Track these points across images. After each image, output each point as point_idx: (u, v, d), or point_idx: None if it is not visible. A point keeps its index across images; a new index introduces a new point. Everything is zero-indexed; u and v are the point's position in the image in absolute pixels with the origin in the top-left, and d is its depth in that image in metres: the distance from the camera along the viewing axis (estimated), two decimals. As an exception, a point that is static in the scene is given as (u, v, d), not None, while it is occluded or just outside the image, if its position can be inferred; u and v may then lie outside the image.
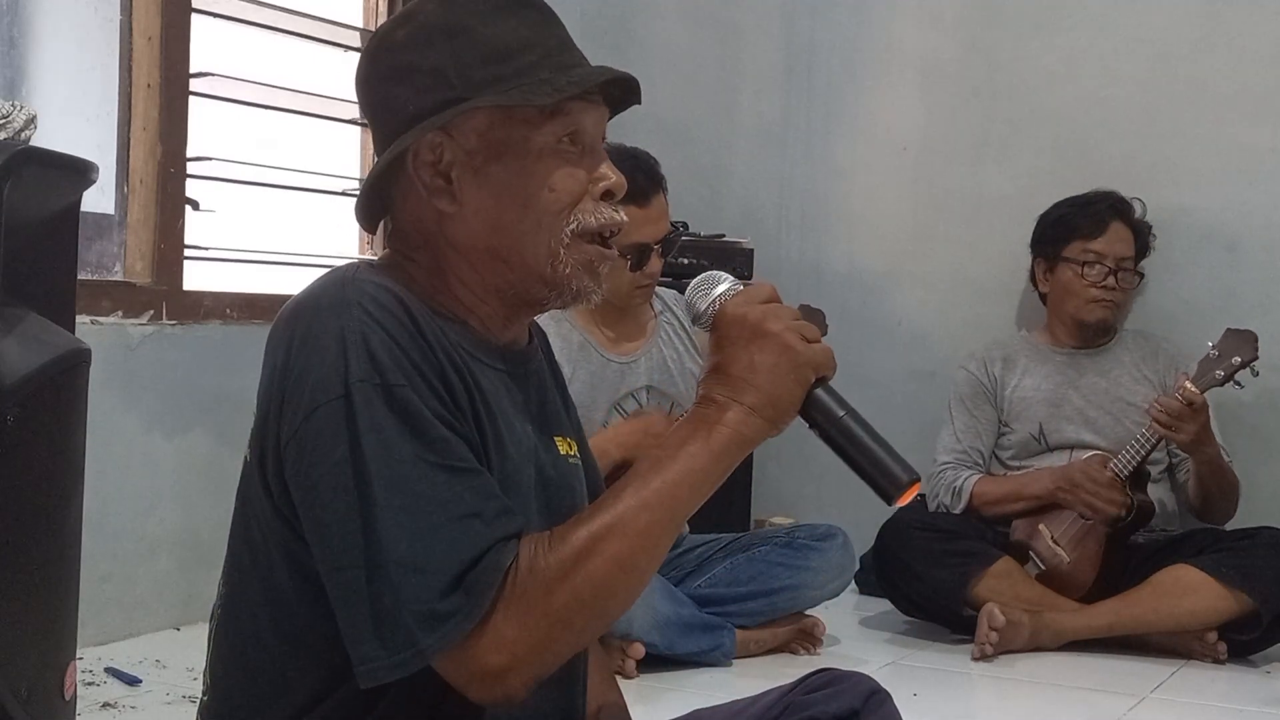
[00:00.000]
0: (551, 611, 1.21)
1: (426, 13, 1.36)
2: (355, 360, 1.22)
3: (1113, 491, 3.35)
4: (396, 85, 1.35)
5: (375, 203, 1.40)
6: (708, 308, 1.35)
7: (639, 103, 1.41)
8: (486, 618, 1.19)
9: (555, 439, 1.43)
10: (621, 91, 1.39)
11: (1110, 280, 3.59)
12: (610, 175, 1.37)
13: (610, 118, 1.41)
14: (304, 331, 1.26)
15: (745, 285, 1.36)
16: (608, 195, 1.37)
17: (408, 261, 1.37)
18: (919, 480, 1.32)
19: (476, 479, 1.23)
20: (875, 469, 1.31)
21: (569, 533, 1.23)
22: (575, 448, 1.47)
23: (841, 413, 1.31)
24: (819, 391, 1.31)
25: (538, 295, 1.37)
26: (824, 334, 3.48)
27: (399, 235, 1.39)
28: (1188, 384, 3.26)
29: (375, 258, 1.41)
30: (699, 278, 1.38)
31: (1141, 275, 3.69)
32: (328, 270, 1.34)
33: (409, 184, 1.35)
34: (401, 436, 1.21)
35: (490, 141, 1.33)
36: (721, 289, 1.35)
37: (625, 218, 1.40)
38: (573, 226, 1.34)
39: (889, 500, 1.32)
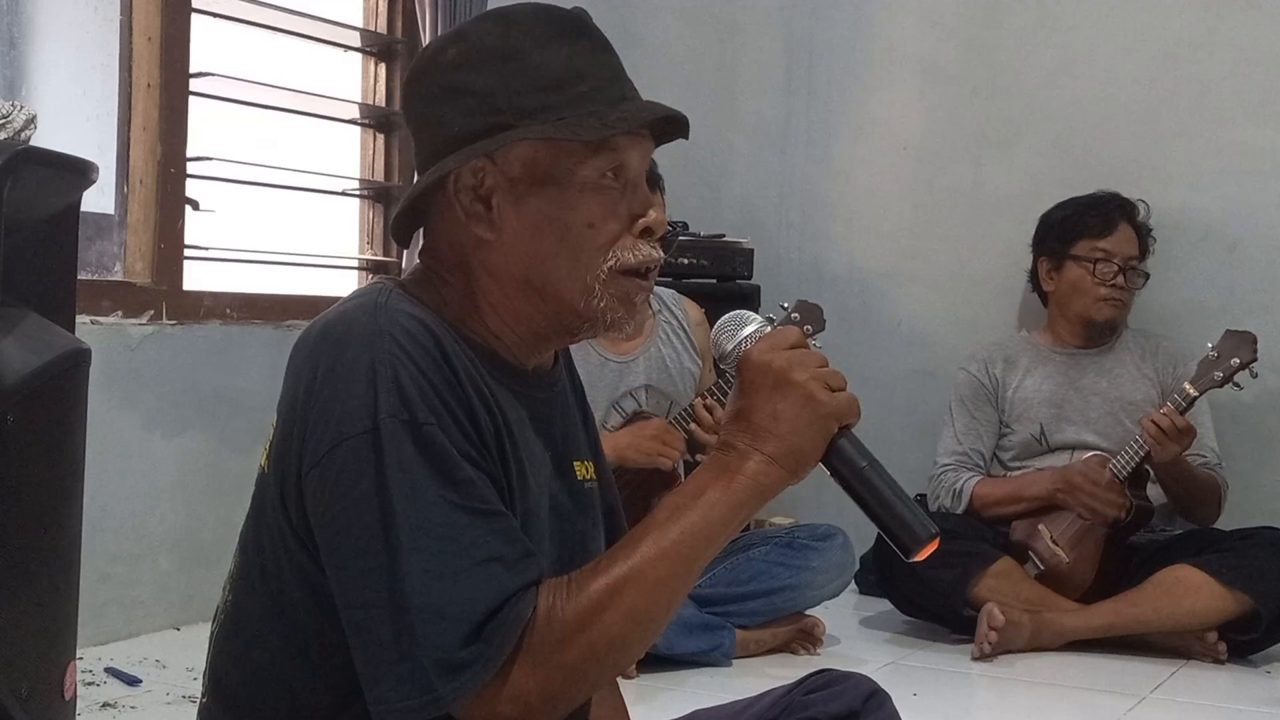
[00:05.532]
0: (566, 664, 1.21)
1: (480, 34, 1.34)
2: (385, 395, 1.21)
3: (1111, 493, 3.35)
4: (443, 104, 1.33)
5: (411, 216, 1.38)
6: (734, 349, 1.34)
7: (686, 137, 1.40)
8: (503, 668, 1.19)
9: (574, 464, 1.43)
10: (667, 123, 1.38)
11: (1120, 279, 3.59)
12: (651, 213, 1.35)
13: (655, 149, 1.39)
14: (333, 358, 1.24)
15: (773, 328, 1.35)
16: (647, 233, 1.35)
17: (440, 281, 1.35)
18: (938, 536, 1.30)
19: (500, 522, 1.23)
20: (894, 523, 1.30)
21: (587, 583, 1.23)
22: (592, 470, 1.46)
23: (863, 463, 1.30)
24: (842, 441, 1.30)
25: (570, 325, 1.36)
26: (822, 329, 3.45)
27: (432, 252, 1.37)
28: (1189, 386, 3.26)
29: (408, 273, 1.38)
30: (726, 316, 1.37)
31: (1147, 275, 3.68)
32: (361, 289, 1.32)
33: (448, 205, 1.34)
34: (427, 476, 1.20)
35: (533, 171, 1.31)
36: (748, 331, 1.34)
37: (663, 255, 1.39)
38: (611, 264, 1.32)
39: (906, 555, 1.30)
